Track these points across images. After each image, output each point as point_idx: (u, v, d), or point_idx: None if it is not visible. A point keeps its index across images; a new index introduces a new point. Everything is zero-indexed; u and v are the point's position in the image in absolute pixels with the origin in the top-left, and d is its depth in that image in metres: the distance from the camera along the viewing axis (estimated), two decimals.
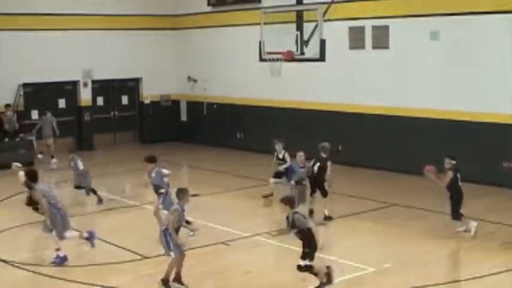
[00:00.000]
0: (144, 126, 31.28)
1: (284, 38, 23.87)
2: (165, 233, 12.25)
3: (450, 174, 15.24)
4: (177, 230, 12.27)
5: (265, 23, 23.69)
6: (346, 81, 24.11)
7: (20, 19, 27.20)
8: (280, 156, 19.35)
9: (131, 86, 31.13)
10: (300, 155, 17.51)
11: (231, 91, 28.61)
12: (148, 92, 31.08)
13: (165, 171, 15.78)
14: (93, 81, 29.58)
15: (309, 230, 11.95)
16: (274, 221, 17.07)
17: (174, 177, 24.20)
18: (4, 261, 14.12)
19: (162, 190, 15.50)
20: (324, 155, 17.41)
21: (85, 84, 29.40)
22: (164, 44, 31.04)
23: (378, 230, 16.32)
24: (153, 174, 15.69)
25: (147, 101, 31.15)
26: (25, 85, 27.70)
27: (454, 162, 15.35)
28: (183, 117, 31.62)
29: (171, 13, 31.04)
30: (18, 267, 13.85)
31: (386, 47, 22.91)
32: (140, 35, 30.22)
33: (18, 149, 25.51)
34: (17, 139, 26.02)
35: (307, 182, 17.20)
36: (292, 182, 17.73)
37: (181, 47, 31.05)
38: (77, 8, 28.49)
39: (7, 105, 26.45)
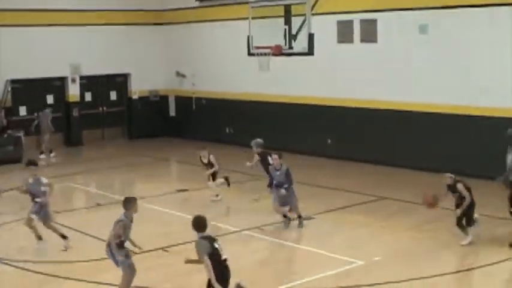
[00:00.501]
0: (133, 122, 31.19)
1: (272, 32, 23.85)
2: (110, 248, 11.33)
3: (461, 188, 14.35)
4: (122, 243, 11.27)
5: (253, 18, 23.65)
6: (334, 75, 24.10)
7: (8, 15, 27.06)
8: (205, 161, 18.80)
9: (119, 81, 31.03)
10: (275, 157, 16.20)
11: (220, 86, 28.58)
12: (137, 88, 30.99)
13: (44, 180, 14.78)
14: (81, 77, 29.46)
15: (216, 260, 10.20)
16: (262, 215, 17.07)
17: (165, 173, 24.38)
18: None
19: (39, 199, 14.60)
20: (257, 151, 17.65)
21: (73, 80, 29.30)
22: (152, 39, 30.96)
23: (367, 223, 16.35)
24: (31, 180, 14.78)
25: (135, 97, 31.07)
26: (13, 81, 27.61)
27: (453, 176, 14.54)
28: (172, 112, 31.57)
29: (159, 8, 30.96)
30: (7, 264, 13.82)
31: (375, 41, 22.92)
32: (128, 30, 30.12)
33: (7, 146, 25.42)
34: (5, 135, 25.90)
35: (288, 186, 15.94)
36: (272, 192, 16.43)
37: (169, 42, 30.99)
38: (65, 3, 28.38)
39: None
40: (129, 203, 11.50)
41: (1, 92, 27.18)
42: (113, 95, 31.01)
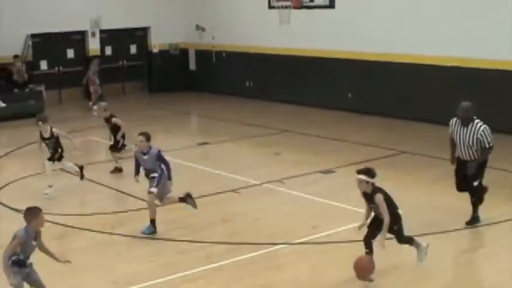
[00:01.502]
0: (153, 76, 31.16)
1: None
2: (5, 263, 8.96)
3: (380, 200, 10.78)
4: (22, 262, 8.95)
5: None
6: (355, 28, 23.83)
7: None
8: (47, 135, 15.73)
9: (139, 35, 30.95)
10: (140, 139, 12.93)
11: (240, 39, 28.38)
12: (157, 41, 30.90)
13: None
14: (101, 31, 29.42)
15: None
16: (283, 168, 17.09)
17: (185, 127, 24.40)
18: (16, 210, 14.18)
19: None
20: (105, 115, 17.46)
21: (93, 34, 29.27)
22: None
23: (387, 177, 16.15)
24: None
25: (155, 50, 30.99)
26: (33, 36, 27.61)
27: (369, 179, 11.00)
28: (192, 66, 31.47)
29: None
30: None
31: None
32: None
33: (28, 100, 25.53)
34: (27, 90, 26.01)
35: (162, 176, 12.85)
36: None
37: None
38: None
39: (16, 56, 26.40)
40: (29, 215, 9.01)
41: (22, 47, 27.19)
42: (133, 49, 30.97)
